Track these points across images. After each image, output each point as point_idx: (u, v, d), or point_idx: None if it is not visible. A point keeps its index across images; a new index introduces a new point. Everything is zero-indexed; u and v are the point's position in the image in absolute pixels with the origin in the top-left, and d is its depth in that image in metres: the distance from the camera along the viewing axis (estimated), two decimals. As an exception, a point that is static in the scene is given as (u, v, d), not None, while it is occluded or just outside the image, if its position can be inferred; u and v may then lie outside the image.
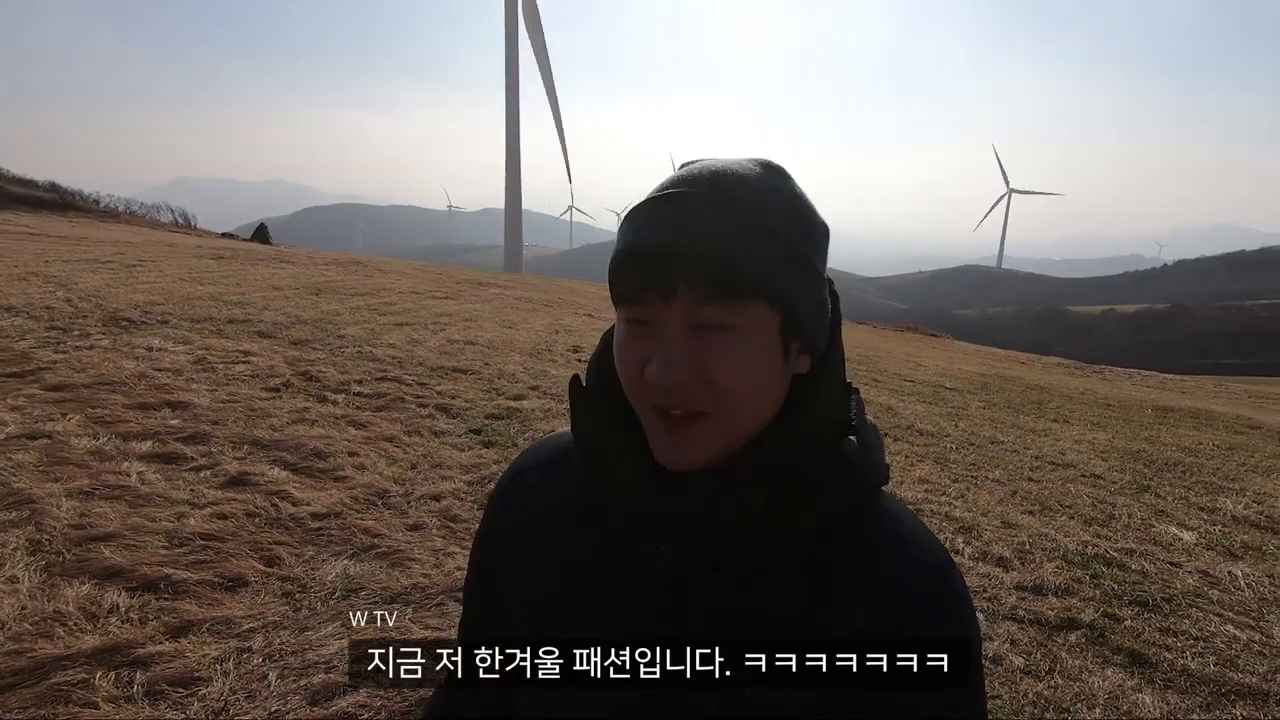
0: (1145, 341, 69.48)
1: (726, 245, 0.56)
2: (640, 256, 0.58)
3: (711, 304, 0.56)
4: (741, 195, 0.58)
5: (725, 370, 0.57)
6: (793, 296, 0.59)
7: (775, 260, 0.58)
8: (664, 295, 0.57)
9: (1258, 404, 14.09)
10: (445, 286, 13.89)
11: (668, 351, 0.57)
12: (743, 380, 0.57)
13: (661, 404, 0.58)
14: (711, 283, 0.56)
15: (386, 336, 7.59)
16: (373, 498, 3.42)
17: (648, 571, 0.62)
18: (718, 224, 0.57)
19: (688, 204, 0.58)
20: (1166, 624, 2.87)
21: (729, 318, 0.56)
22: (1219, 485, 5.17)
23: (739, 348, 0.57)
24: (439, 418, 4.93)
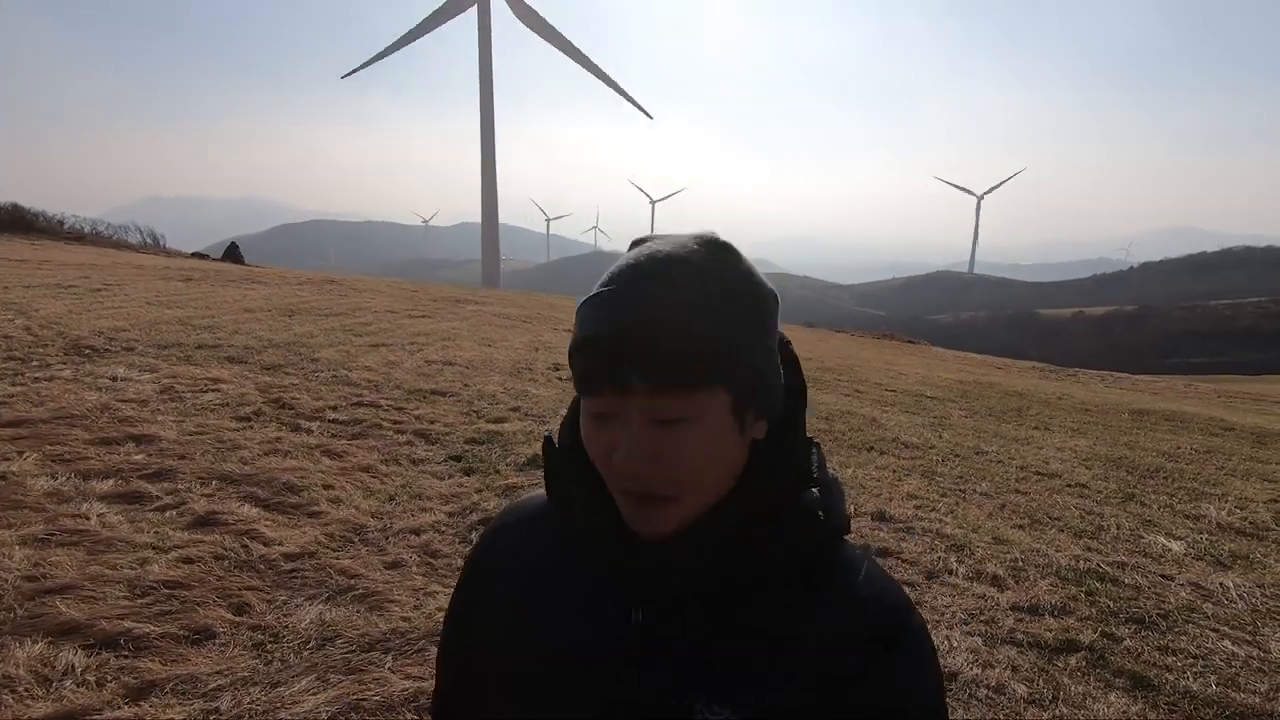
0: (1114, 343, 70.96)
1: (675, 338, 0.57)
2: (594, 350, 0.59)
3: (665, 397, 0.58)
4: (687, 283, 0.60)
5: (685, 459, 0.59)
6: (744, 376, 0.61)
7: (723, 345, 0.59)
8: (619, 391, 0.58)
9: (1227, 404, 14.38)
10: (422, 304, 13.71)
11: (629, 443, 0.59)
12: (703, 465, 0.60)
13: (629, 489, 0.61)
14: (663, 377, 0.57)
15: (362, 359, 7.42)
16: (349, 534, 3.28)
17: (620, 626, 0.64)
18: (666, 317, 0.58)
19: (635, 297, 0.59)
20: (1164, 642, 2.83)
21: (684, 409, 0.58)
22: (1201, 491, 5.20)
23: (697, 435, 0.59)
24: (417, 444, 4.79)
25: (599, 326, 0.60)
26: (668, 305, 0.59)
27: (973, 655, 2.63)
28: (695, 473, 0.60)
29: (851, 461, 5.30)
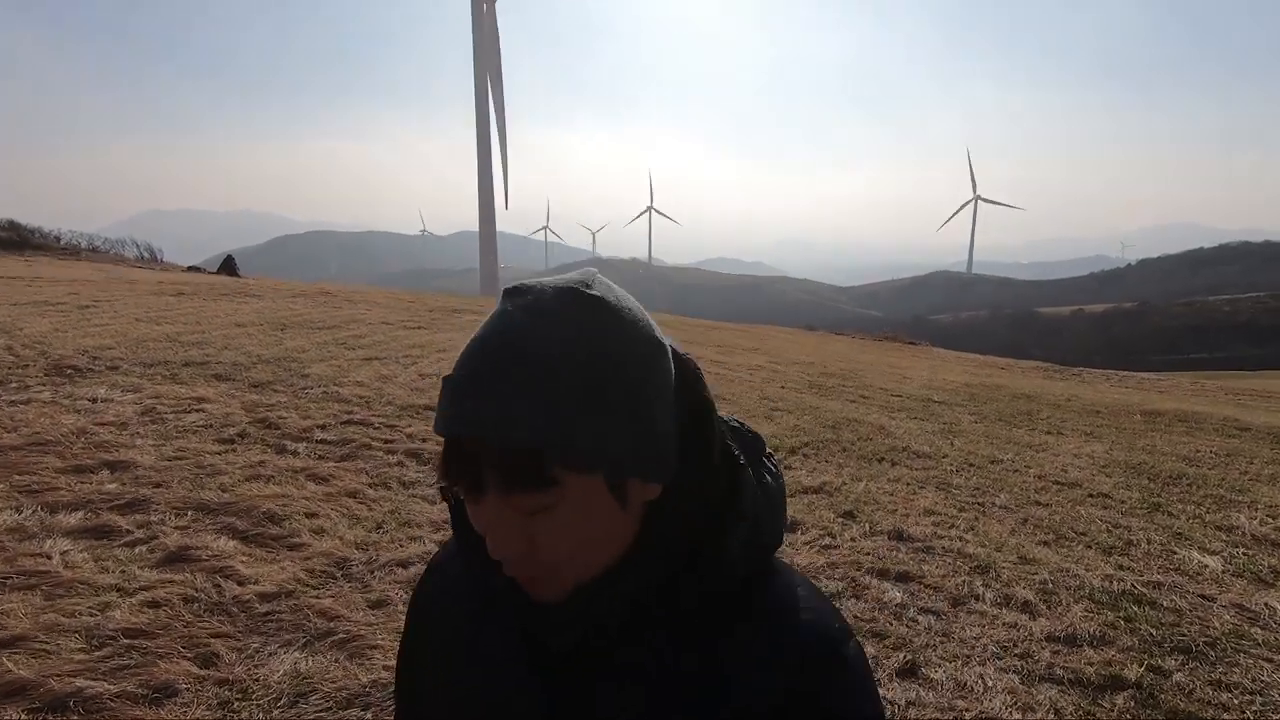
0: (1115, 340, 70.80)
1: (524, 439, 0.53)
2: (449, 444, 0.56)
3: (521, 494, 0.54)
4: (539, 367, 0.54)
5: (557, 547, 0.56)
6: (613, 454, 0.56)
7: (584, 436, 0.54)
8: (475, 490, 0.55)
9: (1238, 402, 14.15)
10: (418, 315, 13.50)
11: (496, 536, 0.56)
12: (579, 547, 0.57)
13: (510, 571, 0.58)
14: (512, 474, 0.54)
15: (354, 373, 7.20)
16: (331, 569, 3.06)
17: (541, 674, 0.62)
18: (512, 415, 0.53)
19: (480, 392, 0.54)
20: (1216, 675, 2.61)
21: (543, 500, 0.55)
22: (1228, 499, 4.98)
23: (566, 522, 0.56)
24: (409, 465, 4.57)
25: (449, 424, 0.56)
26: (515, 396, 0.53)
27: (1011, 697, 2.40)
28: (572, 555, 0.57)
29: (864, 474, 5.08)
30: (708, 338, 17.13)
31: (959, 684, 2.48)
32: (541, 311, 0.57)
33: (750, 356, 13.09)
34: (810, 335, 22.65)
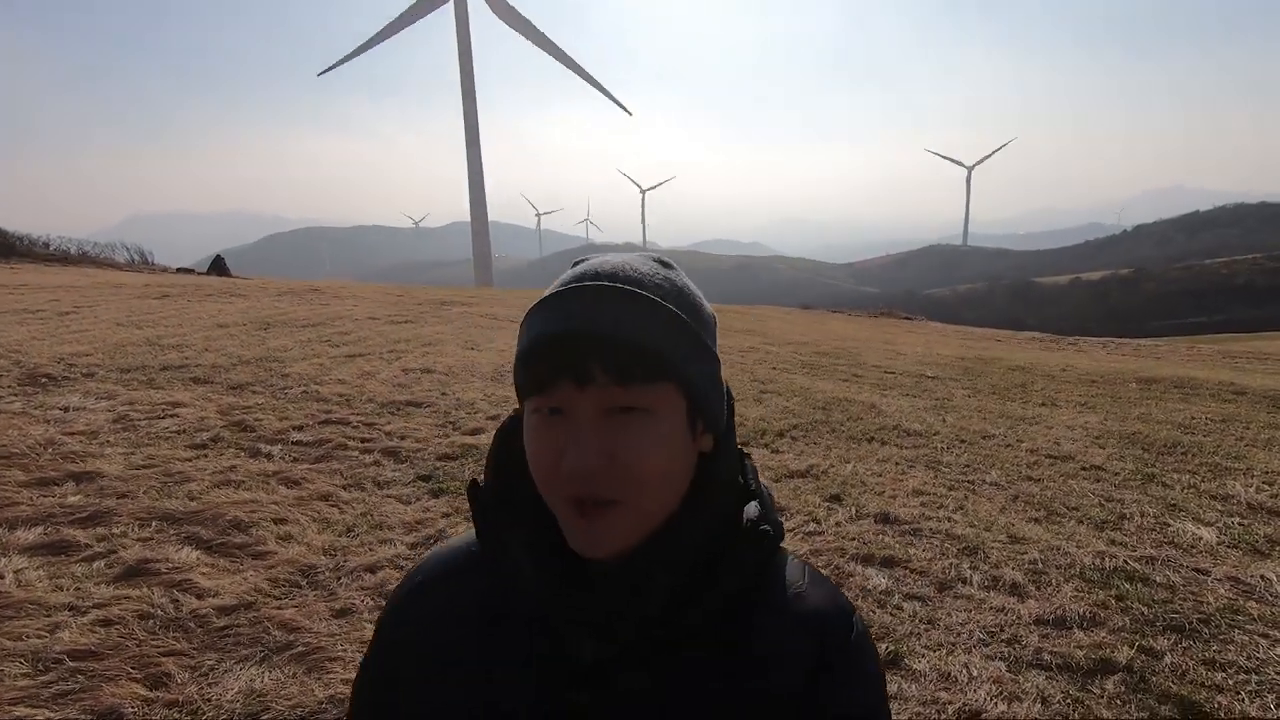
0: (1112, 307, 70.66)
1: (638, 330, 0.59)
2: (554, 343, 0.59)
3: (626, 386, 0.58)
4: (642, 286, 0.62)
5: (640, 453, 0.59)
6: (697, 377, 0.62)
7: (680, 344, 0.61)
8: (579, 381, 0.58)
9: (1233, 365, 14.05)
10: (405, 309, 13.35)
11: (583, 438, 0.58)
12: (656, 462, 0.59)
13: (577, 493, 0.59)
14: (626, 365, 0.58)
15: (336, 371, 7.09)
16: (296, 577, 2.96)
17: (565, 674, 0.62)
18: (626, 311, 0.60)
19: (595, 295, 0.61)
20: (1210, 654, 2.52)
21: (643, 399, 0.59)
22: (1224, 466, 4.89)
23: (652, 429, 0.59)
24: (385, 464, 4.46)
25: (563, 322, 0.59)
26: (628, 301, 0.60)
27: (996, 686, 2.31)
28: (647, 472, 0.59)
29: (851, 455, 4.98)
30: (701, 321, 16.99)
31: (943, 674, 2.39)
32: (633, 260, 0.65)
33: (743, 338, 12.97)
34: (806, 314, 22.50)
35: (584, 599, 0.61)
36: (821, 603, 0.66)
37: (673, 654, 0.62)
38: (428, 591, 0.72)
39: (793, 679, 0.62)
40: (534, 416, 0.61)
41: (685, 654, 0.62)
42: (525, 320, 0.63)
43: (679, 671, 0.62)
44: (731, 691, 0.61)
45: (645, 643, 0.62)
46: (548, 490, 0.61)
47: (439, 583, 0.71)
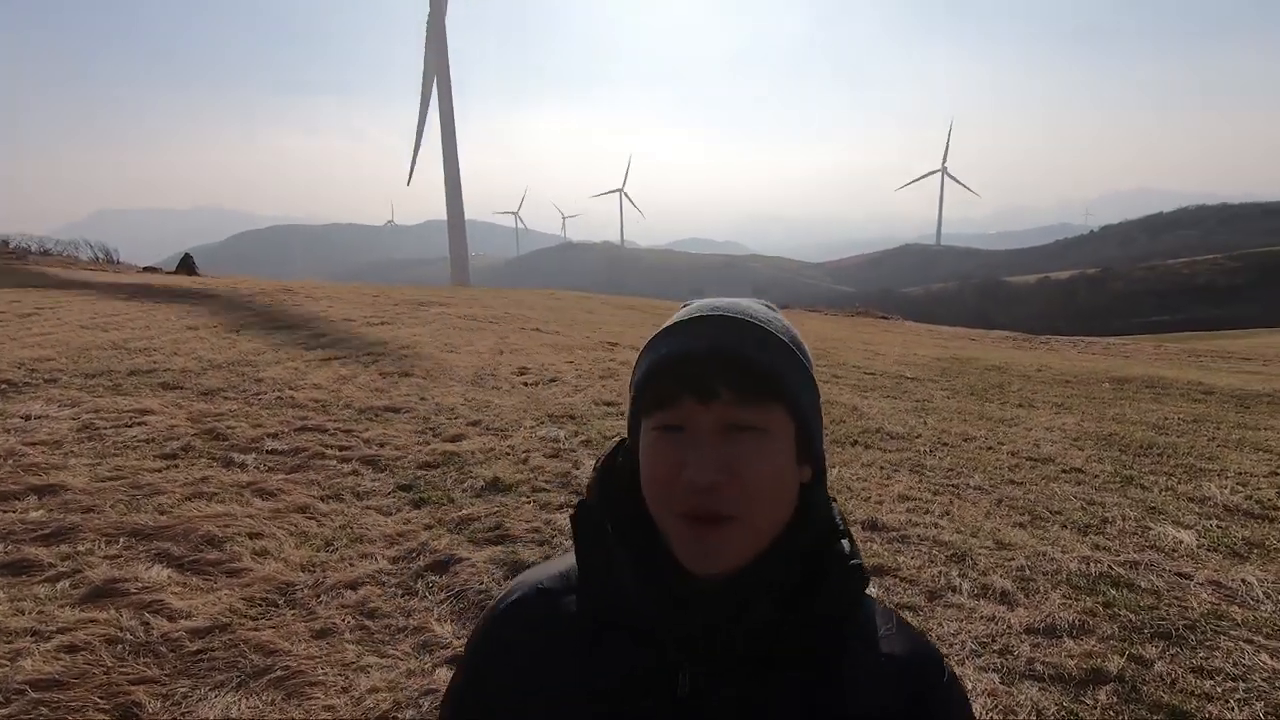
0: (1079, 306, 72.15)
1: (759, 352, 0.66)
2: (680, 362, 0.65)
3: (746, 404, 0.63)
4: (758, 317, 0.69)
5: (757, 470, 0.63)
6: (807, 405, 0.68)
7: (794, 371, 0.67)
8: (704, 398, 0.63)
9: (1199, 364, 14.40)
10: (382, 310, 13.14)
11: (704, 452, 0.62)
12: (771, 480, 0.64)
13: (693, 508, 0.62)
14: (748, 383, 0.64)
15: (312, 375, 6.92)
16: (273, 595, 2.85)
17: (665, 695, 0.63)
18: (748, 337, 0.66)
19: (719, 322, 0.67)
20: (1197, 661, 2.53)
21: (761, 419, 0.64)
22: (1198, 468, 4.97)
23: (768, 447, 0.64)
24: (364, 474, 4.35)
25: (688, 343, 0.66)
26: (749, 328, 0.67)
27: (991, 699, 2.30)
28: (762, 488, 0.62)
29: (837, 460, 4.98)
30: (680, 321, 16.98)
31: (938, 687, 2.37)
32: (746, 301, 0.71)
33: (723, 339, 12.97)
34: (784, 314, 22.57)
35: (685, 617, 0.64)
36: (912, 646, 0.69)
37: (766, 681, 0.64)
38: (523, 611, 0.73)
39: (885, 716, 0.64)
40: (653, 434, 0.65)
41: (778, 682, 0.64)
42: (649, 345, 0.70)
43: (772, 700, 0.64)
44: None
45: (740, 670, 0.64)
46: (663, 505, 0.64)
47: (534, 603, 0.73)
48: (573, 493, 4.16)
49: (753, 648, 0.63)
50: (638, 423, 0.68)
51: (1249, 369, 13.46)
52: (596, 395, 6.83)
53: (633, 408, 0.69)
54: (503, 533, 3.54)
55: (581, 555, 0.71)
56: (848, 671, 0.65)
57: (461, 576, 3.06)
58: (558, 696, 0.67)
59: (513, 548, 3.37)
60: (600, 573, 0.69)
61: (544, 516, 3.77)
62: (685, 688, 0.63)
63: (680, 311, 0.71)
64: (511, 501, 3.98)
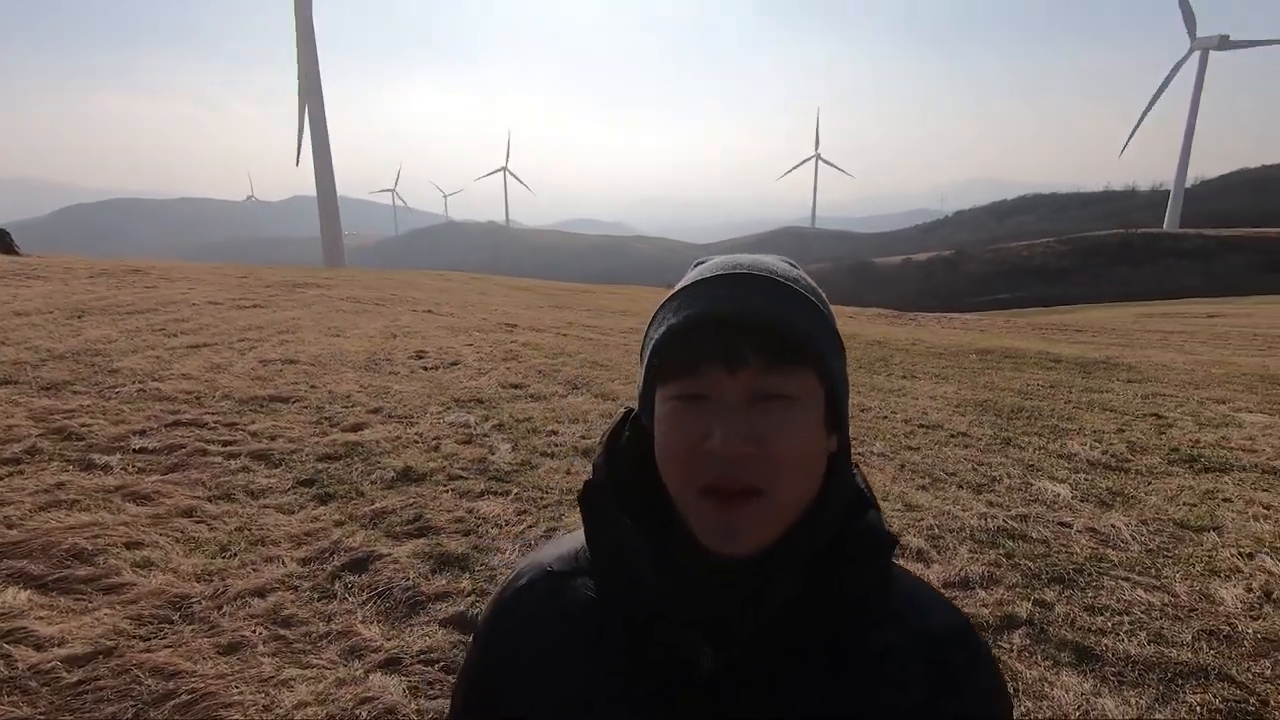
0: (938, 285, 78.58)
1: (790, 314, 0.60)
2: (704, 325, 0.59)
3: (776, 371, 0.58)
4: (784, 278, 0.63)
5: (786, 439, 0.58)
6: (837, 370, 0.63)
7: (823, 335, 0.62)
8: (730, 364, 0.58)
9: (1043, 336, 16.11)
10: (253, 292, 12.06)
11: (732, 421, 0.57)
12: (801, 450, 0.59)
13: (719, 479, 0.57)
14: (778, 348, 0.59)
15: (178, 365, 6.23)
16: (165, 611, 2.53)
17: (684, 678, 0.60)
18: (777, 298, 0.61)
19: (745, 281, 0.62)
20: (1089, 600, 2.81)
21: (790, 385, 0.59)
22: (1061, 428, 5.54)
23: (797, 416, 0.59)
24: (256, 470, 3.96)
25: (713, 305, 0.60)
26: (777, 290, 0.61)
27: (924, 652, 2.44)
28: (794, 459, 0.58)
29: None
30: (578, 301, 16.83)
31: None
32: (767, 258, 0.65)
33: (622, 319, 12.99)
34: (675, 294, 22.94)
35: (704, 602, 0.60)
36: (943, 617, 0.66)
37: (791, 664, 0.60)
38: (532, 595, 0.69)
39: (916, 693, 0.61)
40: (672, 403, 0.60)
41: (804, 665, 0.60)
42: (663, 308, 0.64)
43: (798, 683, 0.60)
44: (852, 706, 0.60)
45: (764, 651, 0.60)
46: (683, 480, 0.59)
47: (543, 587, 0.69)
48: (492, 479, 4.00)
49: (778, 628, 0.60)
50: (650, 392, 0.63)
51: (1083, 339, 15.22)
52: (502, 378, 6.62)
53: (646, 376, 0.63)
54: (423, 524, 3.34)
55: (592, 538, 0.66)
56: (876, 654, 0.62)
57: (384, 574, 2.86)
58: (573, 685, 0.63)
59: (436, 539, 3.19)
60: (613, 556, 0.64)
61: (466, 505, 3.59)
62: (706, 672, 0.59)
63: (696, 270, 0.65)
64: (428, 491, 3.76)
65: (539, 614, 0.68)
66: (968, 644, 0.65)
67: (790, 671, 0.60)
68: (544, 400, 5.89)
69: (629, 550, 0.62)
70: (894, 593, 0.65)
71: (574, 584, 0.67)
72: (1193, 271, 59.39)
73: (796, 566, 0.60)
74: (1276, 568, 3.09)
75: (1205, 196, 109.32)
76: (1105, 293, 48.26)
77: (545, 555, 0.72)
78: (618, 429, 0.69)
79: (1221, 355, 11.25)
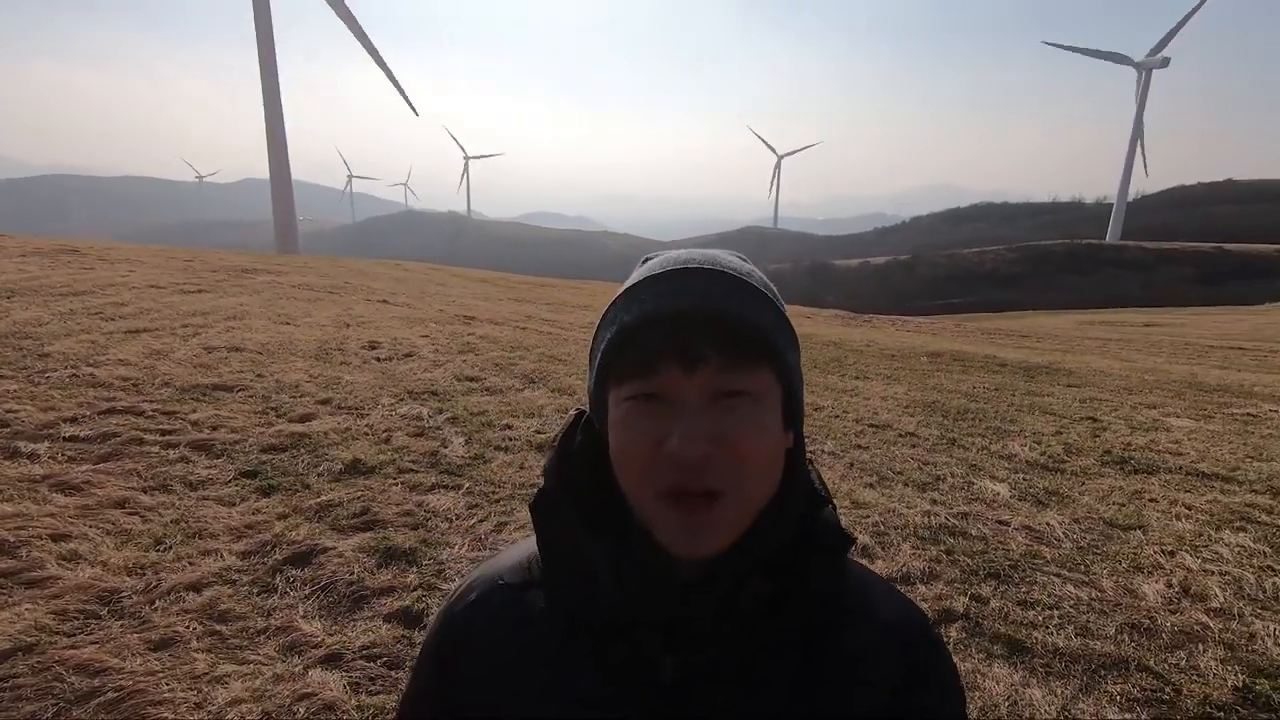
0: (893, 288, 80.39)
1: (746, 309, 0.59)
2: (661, 323, 0.58)
3: (735, 368, 0.57)
4: (738, 272, 0.61)
5: (748, 438, 0.57)
6: (794, 366, 0.62)
7: (780, 331, 0.61)
8: (687, 363, 0.56)
9: (991, 340, 16.66)
10: (198, 276, 11.64)
11: (692, 423, 0.56)
12: (763, 447, 0.58)
13: (678, 483, 0.56)
14: (737, 346, 0.57)
15: (115, 350, 5.97)
16: (92, 606, 2.43)
17: (651, 684, 0.59)
18: (732, 293, 0.59)
19: (702, 276, 0.60)
20: (1021, 595, 2.93)
21: (749, 383, 0.58)
22: (1004, 429, 5.73)
23: (757, 414, 0.58)
24: (196, 461, 3.83)
25: (671, 301, 0.58)
26: (734, 285, 0.60)
27: (865, 645, 2.51)
28: (753, 459, 0.57)
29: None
30: (537, 295, 16.70)
31: (817, 639, 2.54)
32: (719, 252, 0.64)
33: (583, 314, 12.94)
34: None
35: (669, 606, 0.58)
36: (899, 613, 0.66)
37: (763, 662, 0.60)
38: (485, 609, 0.67)
39: (886, 689, 0.61)
40: (628, 405, 0.58)
41: (769, 668, 0.60)
42: (615, 305, 0.62)
43: (768, 682, 0.60)
44: (823, 703, 0.60)
45: (733, 651, 0.59)
46: (643, 483, 0.57)
47: (495, 601, 0.66)
48: (443, 472, 3.94)
49: (744, 630, 0.59)
50: (603, 394, 0.61)
51: (1028, 345, 15.77)
52: (458, 370, 6.53)
53: (598, 376, 0.61)
54: (371, 518, 3.28)
55: (546, 548, 0.64)
56: (840, 653, 0.62)
57: (328, 568, 2.80)
58: (535, 697, 0.61)
59: (384, 533, 3.13)
60: (569, 565, 0.62)
61: (415, 498, 3.54)
62: (671, 676, 0.58)
63: (646, 266, 0.63)
64: (376, 484, 3.69)
65: (493, 628, 0.65)
66: (928, 637, 0.66)
67: (761, 670, 0.60)
68: (500, 394, 5.84)
69: (587, 558, 0.61)
70: (850, 588, 0.65)
71: (529, 596, 0.65)
72: (1133, 282, 62.11)
73: (761, 565, 0.59)
74: (1195, 564, 3.26)
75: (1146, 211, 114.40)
76: (1051, 300, 50.09)
77: (495, 567, 0.70)
78: (570, 431, 0.67)
79: (1155, 363, 11.80)
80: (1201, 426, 6.15)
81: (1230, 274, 59.49)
